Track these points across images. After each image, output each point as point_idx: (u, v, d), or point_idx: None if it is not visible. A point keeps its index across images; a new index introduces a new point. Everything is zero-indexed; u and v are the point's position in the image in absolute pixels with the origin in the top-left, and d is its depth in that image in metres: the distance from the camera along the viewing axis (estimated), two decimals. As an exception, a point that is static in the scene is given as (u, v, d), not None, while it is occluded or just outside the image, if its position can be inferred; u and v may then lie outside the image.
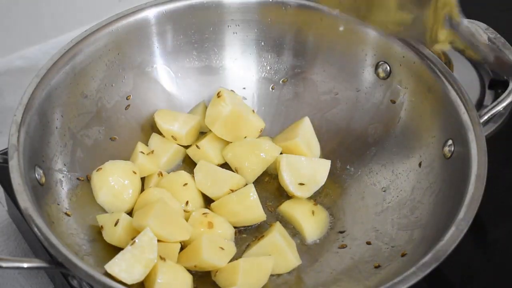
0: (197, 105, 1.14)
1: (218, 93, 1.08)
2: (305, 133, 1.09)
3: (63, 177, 0.99)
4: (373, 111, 1.10)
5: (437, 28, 0.94)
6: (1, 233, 1.10)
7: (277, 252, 0.97)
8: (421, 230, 0.96)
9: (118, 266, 0.88)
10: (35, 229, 0.84)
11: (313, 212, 1.03)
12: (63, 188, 0.99)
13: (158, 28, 1.10)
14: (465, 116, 0.97)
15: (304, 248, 1.02)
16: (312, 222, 1.03)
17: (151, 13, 1.09)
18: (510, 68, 0.88)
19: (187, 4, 1.10)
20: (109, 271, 0.88)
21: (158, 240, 0.92)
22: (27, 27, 1.34)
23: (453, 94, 1.00)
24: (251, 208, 1.01)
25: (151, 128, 1.11)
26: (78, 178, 1.01)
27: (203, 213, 1.00)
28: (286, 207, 1.05)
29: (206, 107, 1.12)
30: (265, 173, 1.08)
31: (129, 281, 0.88)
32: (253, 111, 1.11)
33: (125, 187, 1.01)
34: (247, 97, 1.16)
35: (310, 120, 1.11)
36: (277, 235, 0.98)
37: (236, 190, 1.02)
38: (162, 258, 0.92)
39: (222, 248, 0.95)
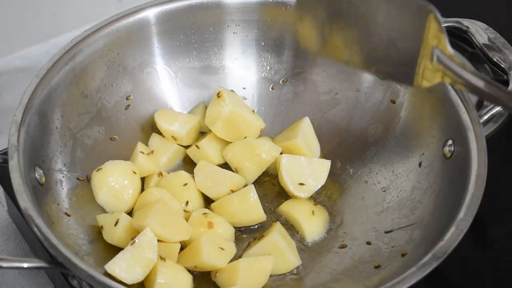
0: (197, 105, 1.14)
1: (218, 93, 1.08)
2: (305, 133, 1.09)
3: (63, 177, 0.99)
4: (373, 111, 1.10)
5: (425, 64, 0.88)
6: (1, 233, 1.10)
7: (277, 252, 0.97)
8: (421, 230, 0.96)
9: (118, 266, 0.88)
10: (35, 229, 0.84)
11: (313, 212, 1.03)
12: (63, 188, 0.99)
13: (158, 28, 1.10)
14: (465, 116, 0.97)
15: (304, 248, 1.01)
16: (312, 222, 1.03)
17: (151, 13, 1.09)
18: (504, 101, 0.83)
19: (187, 4, 1.10)
20: (109, 271, 0.88)
21: (158, 240, 0.92)
22: (27, 27, 1.34)
23: (453, 94, 1.00)
24: (251, 209, 1.01)
25: (151, 128, 1.11)
26: (78, 178, 1.01)
27: (203, 213, 1.00)
28: (286, 207, 1.05)
29: (206, 107, 1.12)
30: (265, 173, 1.08)
31: (129, 281, 0.88)
32: (253, 111, 1.11)
33: (125, 187, 1.01)
34: (247, 97, 1.16)
35: (310, 120, 1.11)
36: (277, 235, 0.98)
37: (236, 191, 1.02)
38: (162, 258, 0.92)
39: (222, 249, 0.95)
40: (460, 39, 1.32)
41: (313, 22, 0.96)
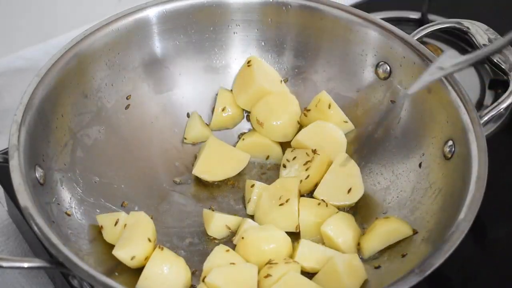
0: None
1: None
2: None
3: (63, 176, 0.99)
4: (373, 111, 1.10)
5: None
6: (1, 233, 1.10)
7: None
8: (422, 231, 0.96)
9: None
10: (36, 229, 0.84)
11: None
12: (63, 188, 0.99)
13: (159, 28, 1.10)
14: (465, 117, 0.97)
15: (304, 248, 1.01)
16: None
17: (151, 13, 1.09)
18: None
19: (188, 4, 1.10)
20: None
21: None
22: (27, 27, 1.34)
23: (453, 95, 1.00)
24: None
25: (151, 128, 1.11)
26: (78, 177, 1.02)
27: None
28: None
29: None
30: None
31: None
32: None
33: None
34: (247, 97, 1.16)
35: (310, 120, 1.11)
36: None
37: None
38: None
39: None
40: (460, 40, 1.32)
41: None
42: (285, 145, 1.11)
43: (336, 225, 0.98)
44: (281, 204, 1.00)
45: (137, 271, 0.93)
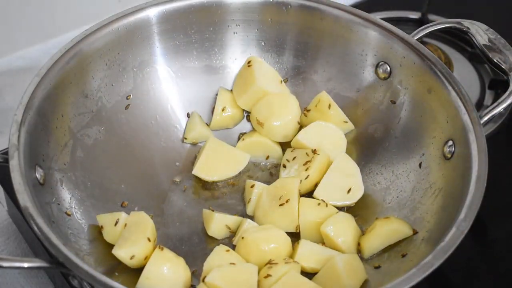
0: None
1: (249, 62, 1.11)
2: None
3: (63, 176, 0.99)
4: (373, 111, 1.10)
5: None
6: (1, 233, 1.10)
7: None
8: (422, 231, 0.96)
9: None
10: (36, 229, 0.84)
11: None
12: (63, 188, 0.99)
13: (159, 28, 1.10)
14: (465, 117, 0.97)
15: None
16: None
17: (151, 13, 1.09)
18: None
19: (188, 4, 1.10)
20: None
21: None
22: (27, 27, 1.34)
23: (453, 95, 1.00)
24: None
25: (151, 128, 1.11)
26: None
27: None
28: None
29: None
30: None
31: None
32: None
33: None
34: (247, 97, 1.16)
35: (310, 120, 1.11)
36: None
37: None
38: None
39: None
40: (460, 40, 1.32)
41: None
42: (285, 145, 1.11)
43: (336, 225, 0.98)
44: (281, 204, 1.00)
45: (137, 271, 0.93)
